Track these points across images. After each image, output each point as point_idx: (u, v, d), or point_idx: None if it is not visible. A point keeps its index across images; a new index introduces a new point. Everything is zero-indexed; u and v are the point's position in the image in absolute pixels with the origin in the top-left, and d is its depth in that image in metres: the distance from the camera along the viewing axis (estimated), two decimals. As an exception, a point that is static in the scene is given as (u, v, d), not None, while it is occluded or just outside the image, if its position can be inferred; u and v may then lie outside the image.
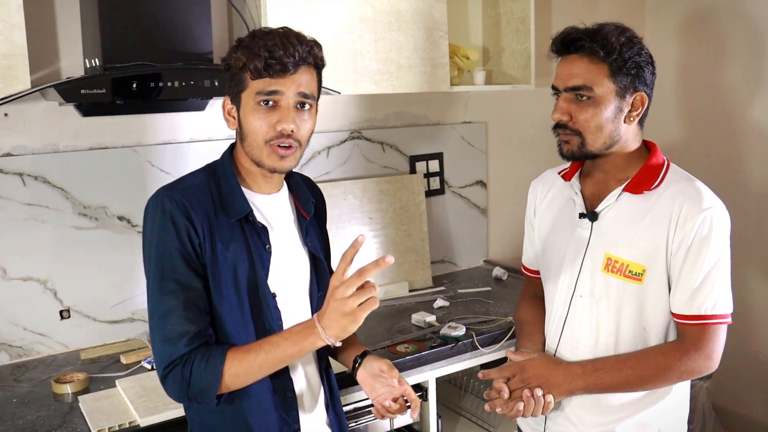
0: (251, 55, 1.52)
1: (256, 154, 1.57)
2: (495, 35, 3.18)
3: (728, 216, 1.69)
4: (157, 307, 1.51)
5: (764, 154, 3.34)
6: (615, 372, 1.70)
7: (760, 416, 3.54)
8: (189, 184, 1.59)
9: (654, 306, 1.71)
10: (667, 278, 1.69)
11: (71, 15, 2.33)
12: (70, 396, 2.08)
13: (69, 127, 2.40)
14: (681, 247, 1.65)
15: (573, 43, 1.68)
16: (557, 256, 1.85)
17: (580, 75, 1.67)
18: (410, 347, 2.33)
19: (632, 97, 1.68)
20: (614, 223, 1.73)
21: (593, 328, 1.77)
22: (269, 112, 1.54)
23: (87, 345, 2.45)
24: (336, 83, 2.45)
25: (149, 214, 1.55)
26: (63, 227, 2.39)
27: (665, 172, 1.73)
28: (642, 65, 1.68)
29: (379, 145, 3.06)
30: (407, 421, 2.39)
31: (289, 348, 1.49)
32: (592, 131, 1.68)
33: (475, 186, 3.36)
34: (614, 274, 1.72)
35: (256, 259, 1.59)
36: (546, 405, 1.70)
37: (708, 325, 1.65)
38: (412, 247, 3.05)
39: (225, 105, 1.61)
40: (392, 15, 2.57)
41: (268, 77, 1.52)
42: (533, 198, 1.99)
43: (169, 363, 1.48)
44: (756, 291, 3.42)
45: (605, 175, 1.77)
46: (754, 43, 3.33)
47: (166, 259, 1.51)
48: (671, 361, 1.66)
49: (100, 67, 2.13)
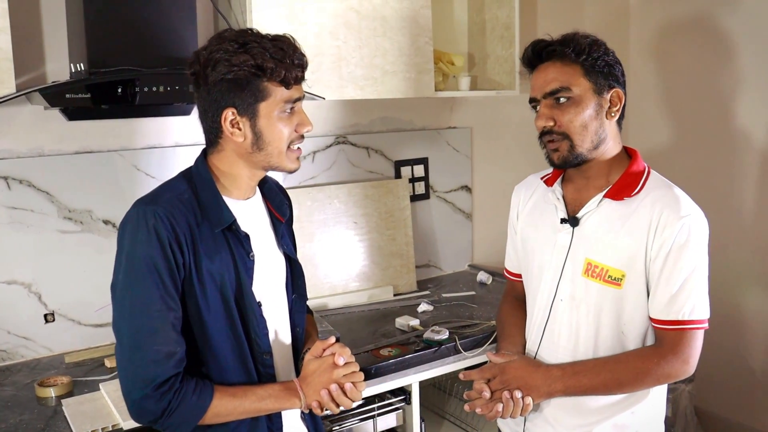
0: (283, 65, 1.52)
1: (275, 161, 1.58)
2: (480, 41, 3.20)
3: (706, 223, 1.72)
4: (140, 325, 1.47)
5: (750, 159, 3.38)
6: (594, 375, 1.72)
7: (741, 419, 3.57)
8: (170, 196, 1.54)
9: (632, 311, 1.73)
10: (645, 284, 1.71)
11: (57, 19, 2.34)
12: (54, 399, 2.08)
13: (54, 131, 2.40)
14: (660, 254, 1.67)
15: (544, 51, 1.73)
16: (539, 260, 1.87)
17: (556, 79, 1.71)
18: (394, 351, 2.34)
19: (609, 94, 1.72)
20: (595, 229, 1.75)
21: (573, 332, 1.79)
22: (291, 118, 1.57)
23: (71, 348, 2.45)
24: (321, 89, 2.46)
25: (129, 228, 1.50)
26: (48, 231, 2.40)
27: (645, 178, 1.76)
28: (612, 64, 1.72)
29: (365, 150, 3.07)
30: (391, 425, 2.40)
31: (271, 404, 1.59)
32: (578, 131, 1.70)
33: (460, 191, 3.38)
34: (594, 278, 1.75)
35: (240, 268, 1.58)
36: (525, 407, 1.72)
37: (685, 330, 1.68)
38: (397, 252, 3.07)
39: (226, 117, 1.54)
40: (377, 21, 2.59)
41: (296, 85, 1.56)
42: (516, 202, 2.01)
43: (152, 384, 1.45)
44: (737, 296, 3.45)
45: (587, 181, 1.79)
46: (736, 48, 3.36)
47: (151, 277, 1.47)
48: (649, 366, 1.69)
49: (85, 72, 2.13)
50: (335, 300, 2.87)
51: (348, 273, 2.95)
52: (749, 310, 3.44)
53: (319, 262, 2.88)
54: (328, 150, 2.98)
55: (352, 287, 2.95)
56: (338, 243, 2.93)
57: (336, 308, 2.84)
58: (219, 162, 1.61)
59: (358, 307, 2.86)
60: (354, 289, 2.95)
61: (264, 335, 1.63)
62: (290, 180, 2.87)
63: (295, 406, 1.60)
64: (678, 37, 3.62)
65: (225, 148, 1.59)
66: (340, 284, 2.93)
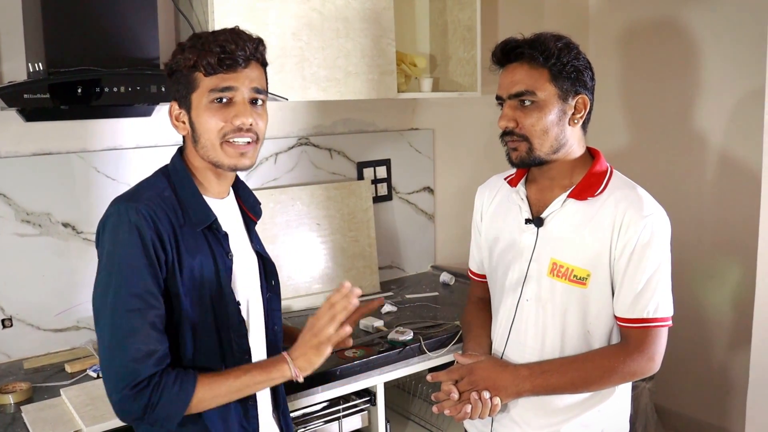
0: (202, 52, 1.50)
1: (212, 155, 1.55)
2: (442, 43, 3.22)
3: (668, 222, 1.74)
4: (120, 325, 1.44)
5: (707, 158, 3.44)
6: (561, 374, 1.73)
7: (700, 416, 3.64)
8: (151, 194, 1.52)
9: (598, 309, 1.75)
10: (610, 283, 1.73)
11: (13, 18, 2.29)
12: (13, 406, 2.04)
13: (11, 133, 2.36)
14: (624, 253, 1.69)
15: (513, 52, 1.73)
16: (504, 260, 1.88)
17: (522, 81, 1.71)
18: (358, 352, 2.34)
19: (574, 100, 1.73)
20: (559, 229, 1.77)
21: (539, 332, 1.80)
22: (224, 109, 1.53)
23: (30, 354, 2.41)
24: (284, 90, 2.45)
25: (110, 227, 1.48)
26: (5, 234, 2.35)
27: (608, 178, 1.77)
28: (581, 69, 1.72)
29: (327, 152, 3.07)
30: (356, 426, 2.40)
31: (258, 375, 1.54)
32: (538, 135, 1.71)
33: (423, 192, 3.39)
34: (559, 278, 1.76)
35: (220, 267, 1.57)
36: (493, 407, 1.73)
37: (650, 328, 1.70)
38: (359, 253, 3.06)
39: (172, 110, 1.58)
40: (340, 22, 2.59)
41: (222, 73, 1.51)
42: (480, 203, 2.02)
43: (132, 383, 1.43)
44: (695, 293, 3.51)
45: (551, 182, 1.80)
46: (695, 51, 3.43)
47: (132, 275, 1.44)
48: (615, 364, 1.71)
49: (43, 72, 2.10)
50: (298, 302, 2.86)
51: (311, 275, 2.94)
52: (707, 307, 3.50)
53: (282, 264, 2.87)
54: (291, 151, 2.97)
55: (315, 289, 2.94)
56: (301, 245, 2.92)
57: (300, 310, 2.83)
58: (188, 158, 1.62)
59: (322, 308, 2.85)
60: (317, 291, 2.94)
61: (243, 335, 1.61)
62: (252, 181, 2.85)
63: (285, 373, 1.54)
64: (638, 39, 3.68)
65: (186, 144, 1.61)
66: (303, 286, 2.92)
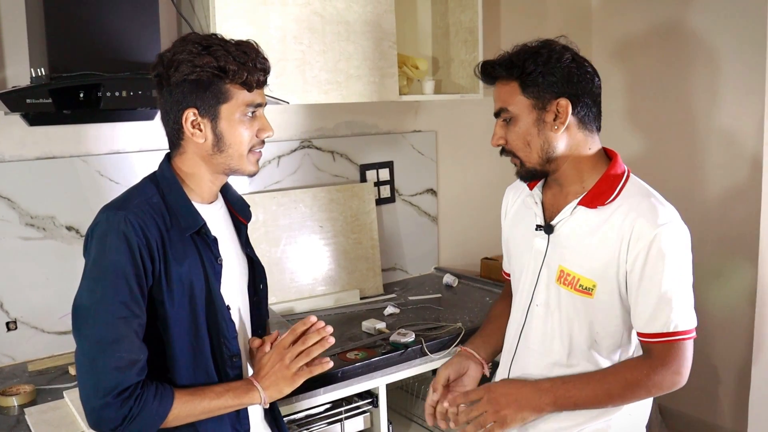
0: (252, 69, 1.54)
1: (235, 164, 1.59)
2: (444, 45, 3.22)
3: (686, 231, 1.69)
4: (105, 332, 1.44)
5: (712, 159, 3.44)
6: (583, 385, 1.69)
7: (704, 416, 3.63)
8: (139, 201, 1.53)
9: (604, 319, 1.72)
10: (618, 294, 1.69)
11: (17, 23, 2.31)
12: (17, 408, 2.06)
13: (15, 137, 2.38)
14: (636, 266, 1.64)
15: (489, 74, 1.75)
16: (520, 264, 1.87)
17: (499, 99, 1.73)
18: (360, 354, 2.34)
19: (552, 106, 1.68)
20: (568, 237, 1.73)
21: (547, 338, 1.78)
22: (252, 122, 1.59)
23: (34, 357, 2.42)
24: (285, 93, 2.46)
25: (98, 234, 1.49)
26: (9, 238, 2.37)
27: (623, 184, 1.72)
28: (555, 72, 1.67)
29: (330, 154, 3.08)
30: (359, 427, 2.41)
31: (230, 400, 1.57)
32: (521, 149, 1.72)
33: (426, 194, 3.40)
34: (566, 286, 1.73)
35: (209, 272, 1.58)
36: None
37: (672, 342, 1.65)
38: (363, 255, 3.07)
39: (188, 117, 1.55)
40: (341, 25, 2.60)
41: (258, 89, 1.58)
42: (505, 205, 2.01)
43: (114, 392, 1.42)
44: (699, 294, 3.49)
45: (561, 188, 1.78)
46: (693, 55, 3.43)
47: (118, 283, 1.45)
48: (639, 377, 1.66)
49: (46, 77, 2.11)
50: (302, 304, 2.87)
51: (314, 277, 2.95)
52: (712, 308, 3.49)
53: (285, 266, 2.88)
54: (293, 154, 2.98)
55: (318, 291, 2.95)
56: (304, 247, 2.93)
57: (302, 312, 2.83)
58: (182, 164, 1.61)
59: (325, 310, 2.86)
60: (320, 293, 2.95)
61: (233, 338, 1.62)
62: (255, 184, 2.86)
63: (254, 401, 1.59)
64: (641, 41, 3.68)
65: (187, 150, 1.59)
66: (306, 288, 2.93)
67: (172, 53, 1.53)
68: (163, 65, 1.54)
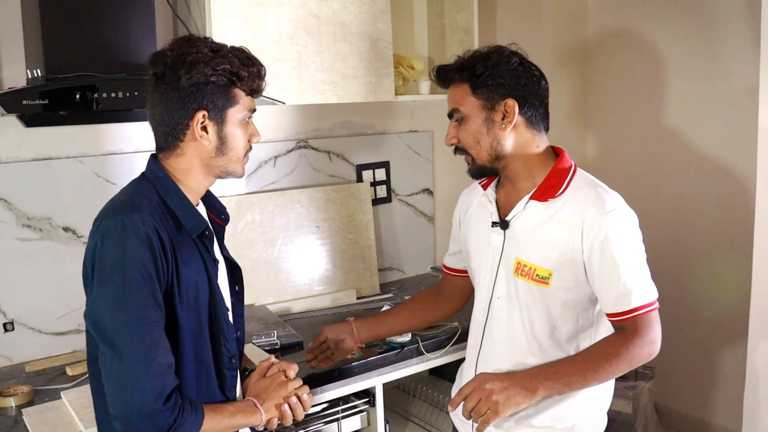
0: (253, 75, 1.57)
1: (232, 167, 1.61)
2: (440, 45, 3.23)
3: (633, 213, 1.79)
4: (143, 337, 1.40)
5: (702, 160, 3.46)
6: (568, 366, 1.76)
7: (700, 415, 3.64)
8: (149, 203, 1.50)
9: (560, 306, 1.81)
10: (575, 281, 1.78)
11: (13, 25, 2.32)
12: (14, 409, 2.06)
13: (11, 138, 2.38)
14: (593, 254, 1.73)
15: (443, 78, 1.87)
16: (479, 261, 1.96)
17: (451, 101, 1.86)
18: (356, 353, 2.34)
19: (500, 106, 1.78)
20: (523, 230, 1.83)
21: (511, 328, 1.87)
22: (247, 127, 1.62)
23: (32, 357, 2.43)
24: (281, 93, 2.47)
25: (114, 239, 1.43)
26: (6, 239, 2.37)
27: (571, 177, 1.82)
28: (503, 74, 1.78)
29: (326, 155, 3.09)
30: (356, 427, 2.41)
31: (241, 419, 1.59)
32: (472, 146, 1.83)
33: (422, 194, 3.41)
34: (524, 277, 1.82)
35: (211, 273, 1.58)
36: None
37: (640, 316, 1.74)
38: (359, 255, 3.08)
39: (198, 120, 1.53)
40: (337, 26, 2.61)
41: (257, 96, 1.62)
42: (460, 206, 2.13)
43: (161, 398, 1.40)
44: (694, 293, 3.51)
45: (512, 184, 1.88)
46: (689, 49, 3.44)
47: (146, 286, 1.42)
48: (618, 350, 1.73)
49: (42, 78, 2.12)
50: (298, 304, 2.88)
51: (311, 277, 2.96)
52: (706, 307, 3.51)
53: (282, 266, 2.88)
54: (290, 155, 2.98)
55: (315, 291, 2.96)
56: (301, 247, 2.94)
57: (299, 312, 2.84)
58: (177, 165, 1.58)
59: (322, 310, 2.87)
60: (317, 293, 2.96)
61: (233, 339, 1.63)
62: (252, 185, 2.87)
63: (256, 422, 1.61)
64: (636, 35, 3.69)
65: (185, 152, 1.57)
66: (303, 288, 2.93)
67: (177, 53, 1.51)
68: (166, 65, 1.51)
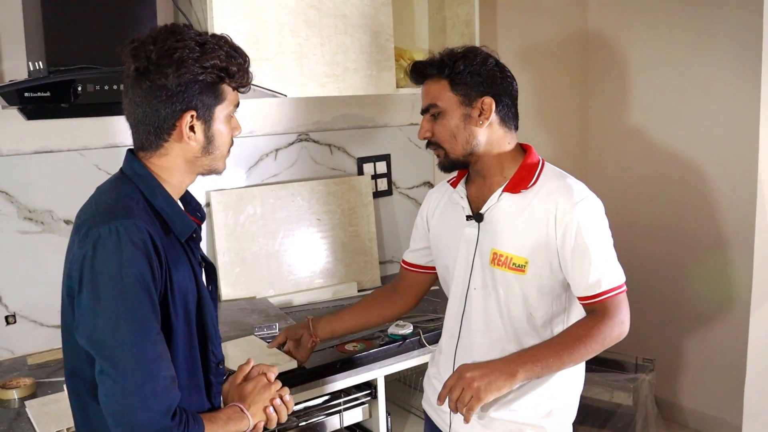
0: (241, 69, 1.49)
1: (216, 164, 1.54)
2: (440, 38, 3.22)
3: (599, 201, 1.86)
4: (147, 351, 1.35)
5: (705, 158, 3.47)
6: (544, 349, 1.80)
7: (700, 407, 3.65)
8: (136, 206, 1.43)
9: (536, 293, 1.86)
10: (549, 268, 1.84)
11: (14, 17, 2.31)
12: (17, 401, 2.07)
13: (12, 131, 2.38)
14: (566, 240, 1.80)
15: (419, 72, 1.92)
16: (452, 255, 1.99)
17: (428, 95, 1.90)
18: (358, 346, 2.36)
19: (478, 103, 1.84)
20: (498, 222, 1.88)
21: (489, 317, 1.91)
22: (231, 122, 1.54)
23: (34, 350, 2.43)
24: (282, 86, 2.47)
25: (108, 248, 1.35)
26: (7, 231, 2.37)
27: (540, 170, 1.89)
28: (481, 73, 1.84)
29: (327, 147, 3.08)
30: (357, 419, 2.42)
31: (232, 426, 1.54)
32: (448, 141, 1.88)
33: (423, 187, 3.41)
34: (500, 267, 1.87)
35: (198, 277, 1.53)
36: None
37: (609, 299, 1.82)
38: (360, 248, 3.08)
39: (186, 121, 1.45)
40: (338, 18, 2.60)
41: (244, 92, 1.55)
42: (426, 205, 2.16)
43: (169, 414, 1.36)
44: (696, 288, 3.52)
45: (484, 180, 1.93)
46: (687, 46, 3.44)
47: (145, 298, 1.35)
48: (591, 332, 1.80)
49: (44, 70, 2.11)
50: (300, 297, 2.88)
51: (312, 270, 2.96)
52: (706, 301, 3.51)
53: (283, 259, 2.89)
54: (291, 147, 2.98)
55: (316, 284, 2.96)
56: (302, 240, 2.94)
57: (300, 305, 2.85)
58: (160, 164, 1.50)
59: (323, 303, 2.87)
60: (318, 286, 2.96)
61: (219, 344, 1.60)
62: (253, 177, 2.87)
63: (244, 428, 1.56)
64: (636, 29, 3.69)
65: (170, 152, 1.49)
66: (304, 281, 2.93)
67: (164, 48, 1.41)
68: (149, 60, 1.41)
